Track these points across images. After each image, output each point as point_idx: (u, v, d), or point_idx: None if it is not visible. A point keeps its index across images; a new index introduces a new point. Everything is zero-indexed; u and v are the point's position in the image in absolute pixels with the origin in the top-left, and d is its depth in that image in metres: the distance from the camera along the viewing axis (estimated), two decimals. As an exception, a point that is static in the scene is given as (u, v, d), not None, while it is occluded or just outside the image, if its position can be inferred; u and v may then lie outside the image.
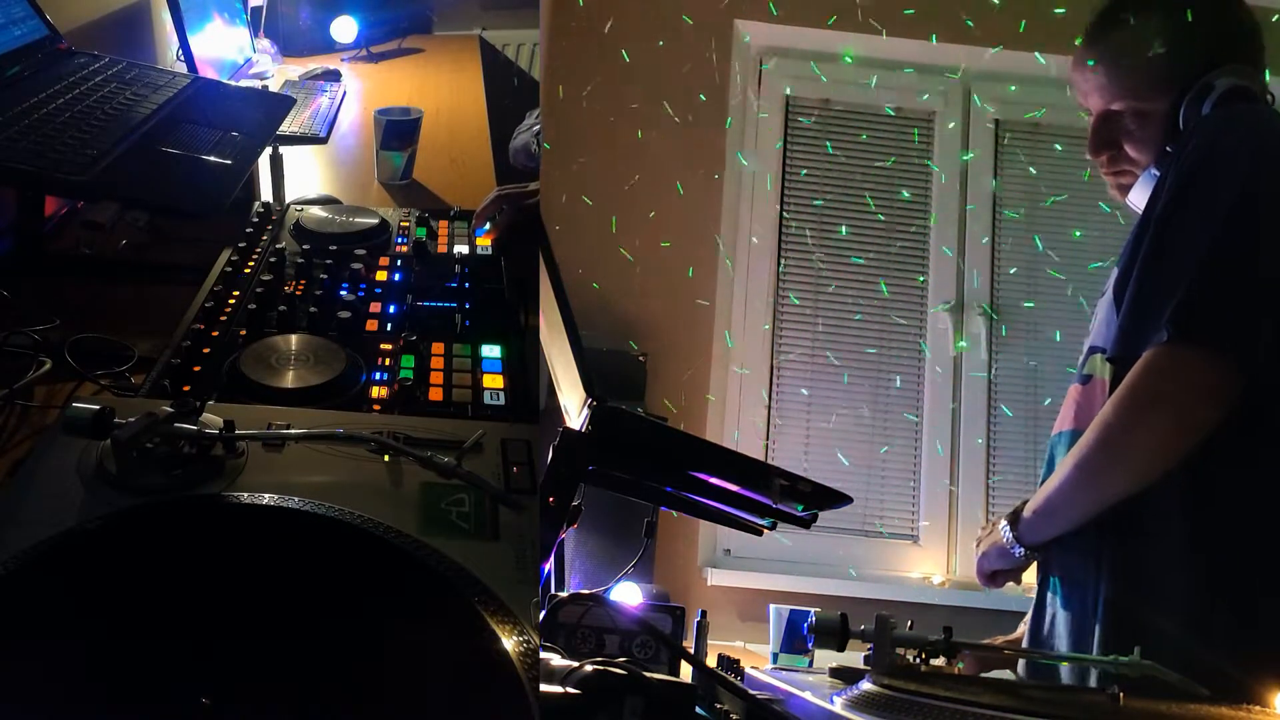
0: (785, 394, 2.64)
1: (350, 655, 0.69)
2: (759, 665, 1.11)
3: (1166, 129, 1.20)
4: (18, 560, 0.72)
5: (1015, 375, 2.66)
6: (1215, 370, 1.04)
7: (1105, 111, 1.26)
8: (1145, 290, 1.09)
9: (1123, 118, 1.24)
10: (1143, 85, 1.22)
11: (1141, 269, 1.10)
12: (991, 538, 1.23)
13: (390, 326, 1.28)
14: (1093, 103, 1.28)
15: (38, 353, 1.16)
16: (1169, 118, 1.20)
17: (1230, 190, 1.07)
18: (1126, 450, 1.08)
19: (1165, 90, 1.20)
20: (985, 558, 1.24)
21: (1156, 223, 1.11)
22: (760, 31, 2.74)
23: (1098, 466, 1.10)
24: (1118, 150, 1.25)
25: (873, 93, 2.75)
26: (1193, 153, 1.11)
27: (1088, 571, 1.14)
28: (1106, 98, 1.25)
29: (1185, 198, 1.10)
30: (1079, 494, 1.12)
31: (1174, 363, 1.05)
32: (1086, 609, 1.13)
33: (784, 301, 2.68)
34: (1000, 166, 2.75)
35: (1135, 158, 1.24)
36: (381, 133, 1.98)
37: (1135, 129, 1.23)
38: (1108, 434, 1.09)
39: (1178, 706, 0.79)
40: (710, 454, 0.93)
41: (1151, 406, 1.06)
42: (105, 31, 2.06)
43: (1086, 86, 1.28)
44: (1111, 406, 1.09)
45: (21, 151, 1.31)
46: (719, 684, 0.88)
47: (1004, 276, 2.71)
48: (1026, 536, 1.18)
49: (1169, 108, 1.20)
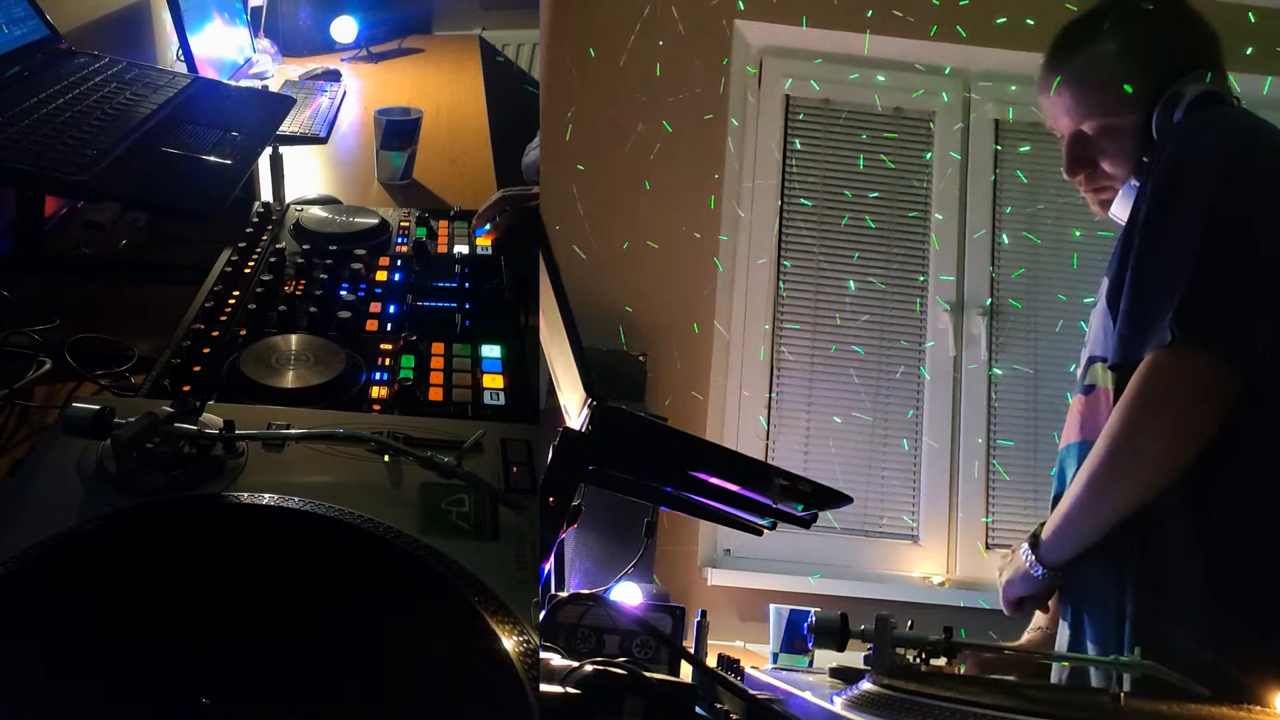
0: (785, 394, 2.64)
1: (350, 655, 0.69)
2: (759, 665, 1.11)
3: (1140, 141, 1.21)
4: (18, 560, 0.72)
5: (1015, 375, 2.66)
6: (1217, 369, 1.04)
7: (1076, 132, 1.26)
8: (1140, 295, 1.09)
9: (1094, 135, 1.25)
10: (1111, 101, 1.23)
11: (1133, 275, 1.11)
12: (1013, 564, 1.21)
13: (390, 326, 1.28)
14: (1063, 125, 1.28)
15: (38, 353, 1.16)
16: (1141, 130, 1.21)
17: (1211, 192, 1.07)
18: (1135, 457, 1.08)
19: (1134, 104, 1.21)
20: (1010, 585, 1.21)
21: (1142, 229, 1.11)
22: (760, 31, 2.74)
23: (1109, 477, 1.09)
24: (1094, 168, 1.26)
25: (873, 93, 2.75)
26: (1169, 158, 1.12)
27: (1109, 593, 1.13)
28: (1076, 118, 1.26)
29: (1167, 201, 1.10)
30: (1094, 506, 1.11)
31: (1176, 364, 1.05)
32: (1107, 629, 1.13)
33: (784, 301, 2.68)
34: (1000, 166, 2.75)
35: (1112, 173, 1.24)
36: (381, 133, 1.98)
37: (1108, 145, 1.24)
38: (1116, 443, 1.08)
39: (1178, 706, 0.79)
40: (710, 454, 0.93)
41: (1156, 410, 1.06)
42: (105, 31, 2.06)
43: (1055, 110, 1.29)
44: (1116, 414, 1.08)
45: (21, 151, 1.31)
46: (719, 684, 0.88)
47: (1004, 276, 2.71)
48: (1048, 557, 1.16)
49: (1140, 120, 1.21)
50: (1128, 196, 1.21)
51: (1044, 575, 1.16)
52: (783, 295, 2.68)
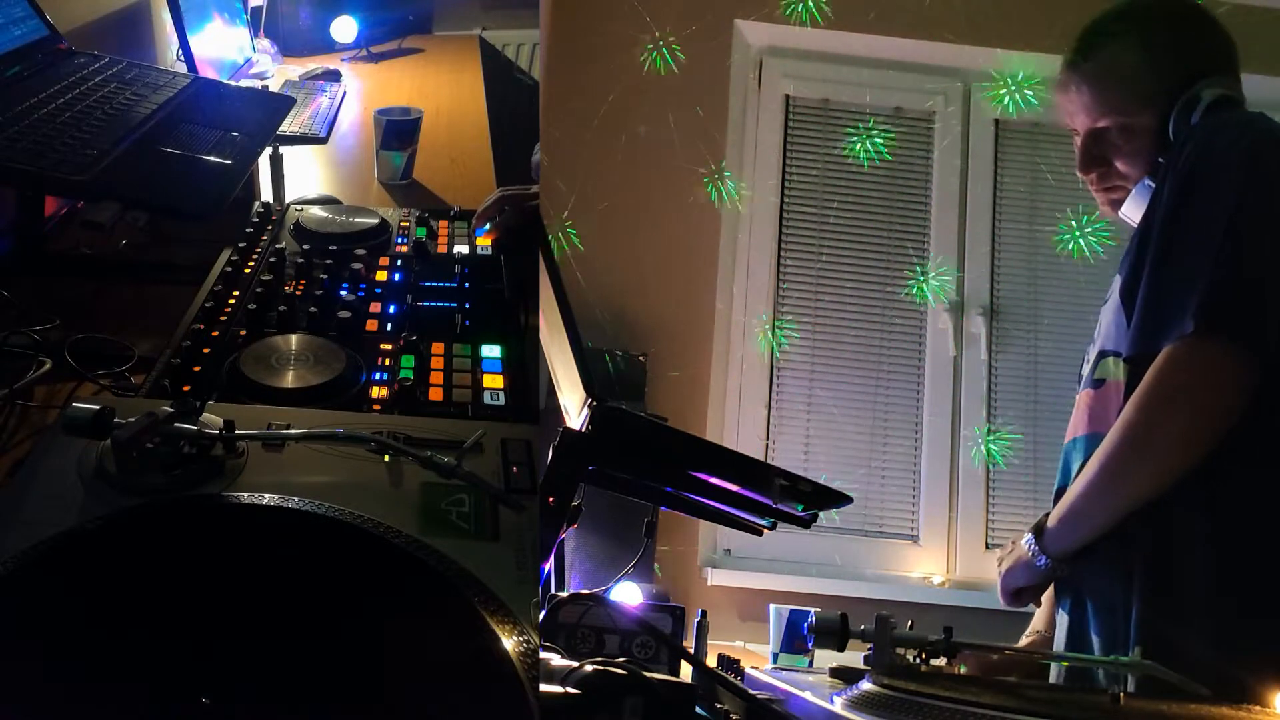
0: (785, 394, 2.64)
1: (350, 655, 0.69)
2: (759, 665, 1.11)
3: (1156, 141, 1.22)
4: (18, 560, 0.72)
5: (1015, 375, 2.66)
6: (1236, 360, 1.05)
7: (1092, 129, 1.27)
8: (1160, 288, 1.10)
9: (1110, 133, 1.26)
10: (1129, 101, 1.24)
11: (1152, 269, 1.11)
12: (1015, 554, 1.21)
13: (390, 326, 1.28)
14: (1079, 122, 1.29)
15: (38, 353, 1.16)
16: (1158, 131, 1.22)
17: (1233, 187, 1.08)
18: (1152, 445, 1.08)
19: (1151, 105, 1.22)
20: (1010, 574, 1.21)
21: (1163, 224, 1.12)
22: (760, 31, 2.74)
23: (1123, 464, 1.09)
24: (1108, 167, 1.27)
25: (873, 93, 2.75)
26: (1190, 156, 1.13)
27: (1114, 588, 1.12)
28: (1093, 116, 1.27)
29: (1189, 199, 1.11)
30: (1106, 496, 1.12)
31: (1196, 354, 1.06)
32: (1111, 624, 1.12)
33: (784, 301, 2.68)
34: (1000, 166, 2.75)
35: (1126, 172, 1.26)
36: (381, 133, 1.98)
37: (1123, 144, 1.25)
38: (1132, 431, 1.08)
39: (1178, 706, 0.79)
40: (710, 454, 0.93)
41: (1175, 399, 1.06)
42: (105, 31, 2.06)
43: (1072, 107, 1.30)
44: (1134, 404, 1.09)
45: (21, 151, 1.31)
46: (719, 684, 0.88)
47: (1004, 276, 2.70)
48: (1053, 546, 1.16)
49: (1156, 121, 1.22)
50: (1140, 196, 1.22)
51: (1047, 564, 1.16)
52: (783, 295, 2.68)
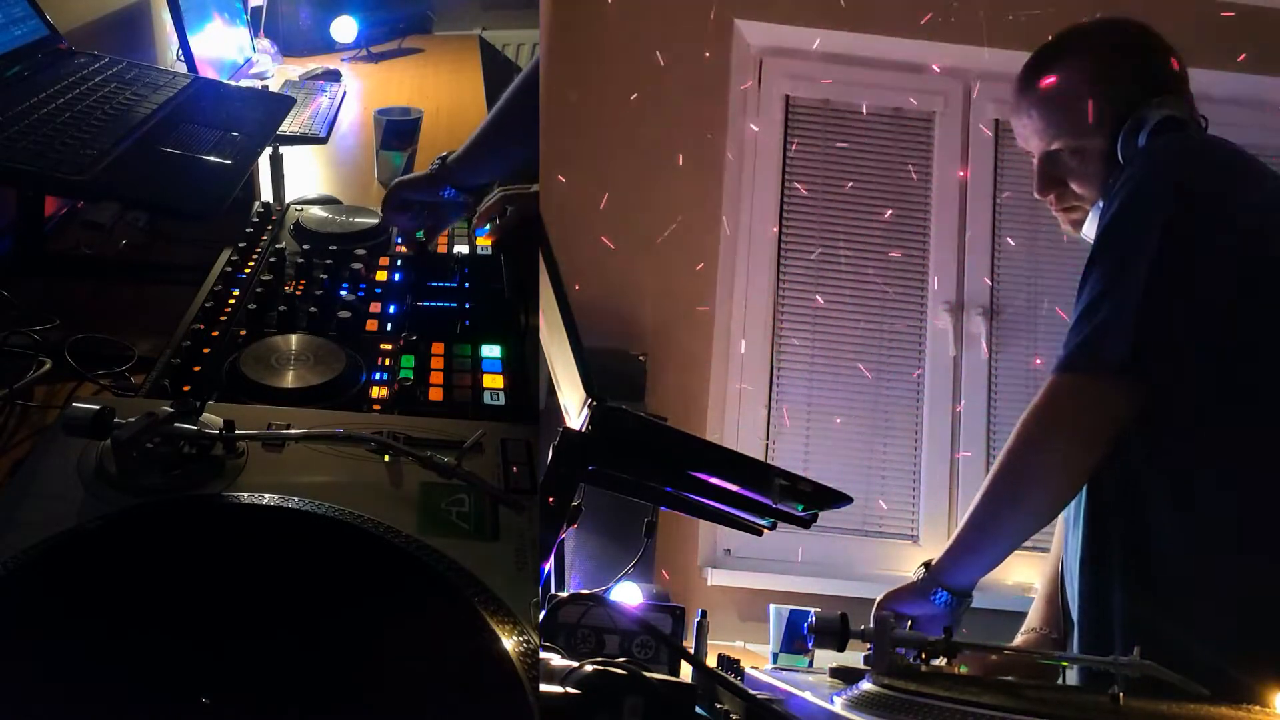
0: (785, 394, 2.64)
1: (350, 655, 0.69)
2: (759, 665, 1.11)
3: (1107, 163, 1.23)
4: (18, 560, 0.72)
5: (1015, 375, 2.66)
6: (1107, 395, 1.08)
7: (1046, 152, 1.29)
8: (1075, 316, 1.13)
9: (1063, 156, 1.27)
10: (1079, 124, 1.25)
11: (1078, 296, 1.15)
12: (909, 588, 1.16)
13: (390, 326, 1.28)
14: (1034, 145, 1.31)
15: (38, 353, 1.16)
16: (1108, 152, 1.23)
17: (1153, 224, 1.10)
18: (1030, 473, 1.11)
19: (1100, 127, 1.23)
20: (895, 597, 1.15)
21: (1091, 254, 1.15)
22: (760, 31, 2.74)
23: (1005, 493, 1.12)
24: (1064, 187, 1.28)
25: (873, 93, 2.75)
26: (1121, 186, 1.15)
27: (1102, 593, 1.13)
28: (1046, 139, 1.28)
29: (1110, 231, 1.14)
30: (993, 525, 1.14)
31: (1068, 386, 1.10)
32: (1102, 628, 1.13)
33: (784, 301, 2.68)
34: (1000, 167, 2.75)
35: (1081, 193, 1.27)
36: (381, 133, 1.98)
37: (1077, 166, 1.26)
38: (1010, 460, 1.12)
39: (1178, 706, 0.79)
40: (710, 454, 0.93)
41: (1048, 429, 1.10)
42: (105, 31, 2.06)
43: (1026, 131, 1.31)
44: (1013, 434, 1.12)
45: (21, 151, 1.31)
46: (719, 684, 0.88)
47: (1004, 276, 2.70)
48: (949, 579, 1.14)
49: (1106, 143, 1.23)
50: (1096, 217, 1.24)
51: (947, 600, 1.14)
52: (783, 295, 2.68)
